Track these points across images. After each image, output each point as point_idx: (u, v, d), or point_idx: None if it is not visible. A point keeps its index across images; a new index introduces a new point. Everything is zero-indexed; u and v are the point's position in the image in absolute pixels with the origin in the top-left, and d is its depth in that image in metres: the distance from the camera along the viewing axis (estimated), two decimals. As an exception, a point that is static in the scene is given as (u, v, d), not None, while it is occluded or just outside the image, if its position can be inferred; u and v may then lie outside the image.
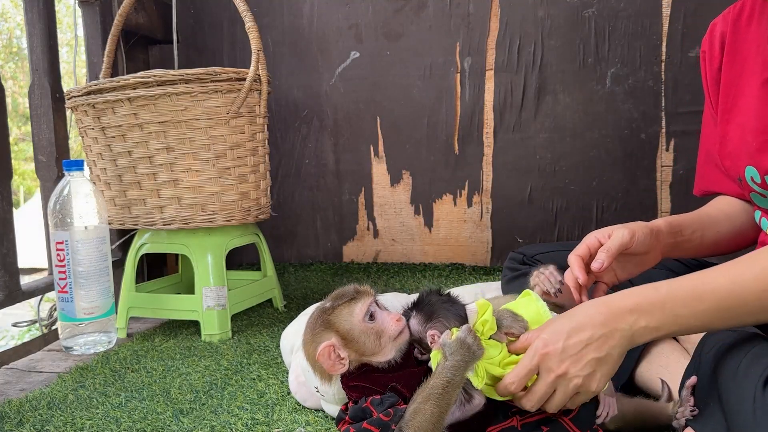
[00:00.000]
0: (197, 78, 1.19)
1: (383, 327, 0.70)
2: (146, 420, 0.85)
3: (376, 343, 0.69)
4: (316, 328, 0.71)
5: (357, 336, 0.69)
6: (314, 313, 0.74)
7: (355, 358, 0.70)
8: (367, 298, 0.71)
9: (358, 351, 0.70)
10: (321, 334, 0.71)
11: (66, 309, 1.16)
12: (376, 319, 0.71)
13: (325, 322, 0.71)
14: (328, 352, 0.69)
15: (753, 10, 0.85)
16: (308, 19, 1.80)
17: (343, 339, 0.69)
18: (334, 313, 0.71)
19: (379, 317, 0.71)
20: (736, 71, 0.87)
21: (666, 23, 1.55)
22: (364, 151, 1.80)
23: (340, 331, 0.70)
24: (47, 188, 1.40)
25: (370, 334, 0.69)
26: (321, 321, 0.71)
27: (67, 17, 6.38)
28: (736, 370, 0.63)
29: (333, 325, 0.70)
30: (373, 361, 0.70)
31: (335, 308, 0.71)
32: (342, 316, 0.70)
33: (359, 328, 0.70)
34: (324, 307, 0.73)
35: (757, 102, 0.82)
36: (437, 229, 1.78)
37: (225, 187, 1.25)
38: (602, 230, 0.84)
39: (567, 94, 1.64)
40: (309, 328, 0.73)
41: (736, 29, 0.87)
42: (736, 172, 0.86)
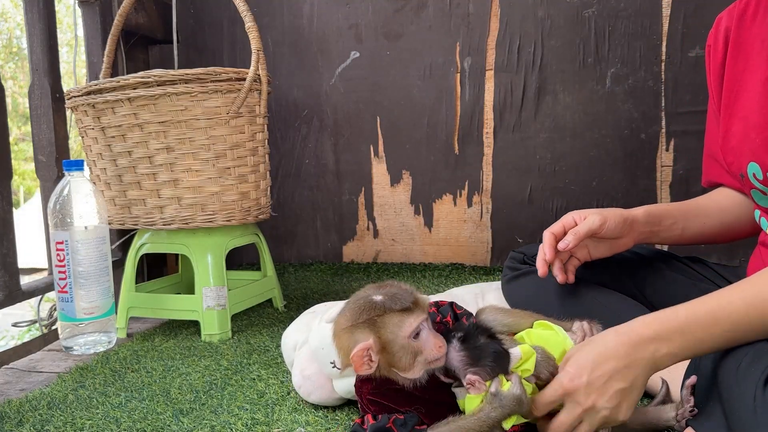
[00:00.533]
0: (197, 78, 1.19)
1: (424, 348, 0.67)
2: (146, 420, 0.85)
3: (410, 361, 0.67)
4: (359, 321, 0.67)
5: (395, 350, 0.66)
6: (362, 300, 0.68)
7: (384, 367, 0.67)
8: (420, 315, 0.67)
9: (390, 362, 0.67)
10: (362, 331, 0.67)
11: (66, 309, 1.16)
12: (421, 338, 0.67)
13: (370, 321, 0.66)
14: (362, 354, 0.66)
15: (758, 5, 0.84)
16: (308, 19, 1.80)
17: (380, 346, 0.66)
18: (382, 318, 0.66)
19: (423, 337, 0.67)
20: (739, 67, 0.87)
21: (666, 23, 1.55)
22: (364, 151, 1.80)
23: (381, 338, 0.66)
24: (47, 188, 1.40)
25: (408, 352, 0.66)
26: (366, 317, 0.67)
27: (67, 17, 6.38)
28: (737, 369, 0.63)
29: (377, 329, 0.66)
30: (399, 376, 0.68)
31: (386, 313, 0.66)
32: (389, 325, 0.66)
33: (401, 343, 0.66)
34: (374, 301, 0.67)
35: (761, 98, 0.82)
36: (437, 229, 1.78)
37: (225, 187, 1.25)
38: (581, 212, 0.91)
39: (567, 94, 1.64)
40: (350, 316, 0.68)
41: (741, 24, 0.87)
42: (738, 167, 0.86)
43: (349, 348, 0.66)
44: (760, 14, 0.84)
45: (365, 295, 0.69)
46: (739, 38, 0.87)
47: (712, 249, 1.56)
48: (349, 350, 0.66)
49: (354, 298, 0.70)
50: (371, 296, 0.68)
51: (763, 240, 0.91)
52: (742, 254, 1.54)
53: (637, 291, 0.98)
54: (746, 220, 0.96)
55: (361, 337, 0.66)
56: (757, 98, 0.82)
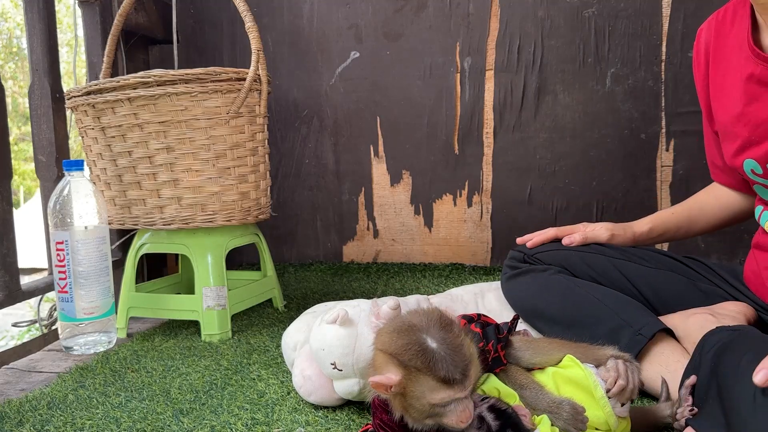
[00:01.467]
0: (197, 78, 1.19)
1: (445, 416, 0.61)
2: (146, 420, 0.85)
3: (420, 417, 0.62)
4: (399, 355, 0.61)
5: (413, 403, 0.61)
6: (416, 336, 0.61)
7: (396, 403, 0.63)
8: (459, 393, 0.60)
9: (405, 409, 0.62)
10: (396, 365, 0.61)
11: (66, 309, 1.16)
12: (446, 408, 0.61)
13: (409, 366, 0.60)
14: (381, 385, 0.61)
15: (735, 14, 0.88)
16: (308, 19, 1.80)
17: (405, 388, 0.61)
18: (420, 373, 0.60)
19: (450, 408, 0.61)
20: (720, 72, 0.90)
21: (666, 23, 1.55)
22: (364, 151, 1.80)
23: (407, 388, 0.60)
24: (47, 188, 1.40)
25: (424, 413, 0.61)
26: (408, 358, 0.60)
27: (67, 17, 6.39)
28: (736, 368, 0.63)
29: (409, 377, 0.60)
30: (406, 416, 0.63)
31: (427, 371, 0.60)
32: (422, 384, 0.60)
33: (422, 403, 0.60)
34: (427, 348, 0.60)
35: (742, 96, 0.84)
36: (437, 229, 1.78)
37: (225, 187, 1.25)
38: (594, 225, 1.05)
39: (567, 94, 1.64)
40: (396, 344, 0.62)
41: (719, 34, 0.91)
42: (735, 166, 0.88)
43: (377, 368, 0.63)
44: (737, 22, 0.87)
45: (421, 337, 0.61)
46: (718, 47, 0.91)
47: (712, 249, 1.56)
48: (374, 372, 0.63)
49: (413, 325, 0.63)
50: (426, 339, 0.61)
51: (756, 242, 0.92)
52: (742, 254, 1.54)
53: (636, 291, 0.98)
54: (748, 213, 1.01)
55: (392, 371, 0.61)
56: (739, 96, 0.85)
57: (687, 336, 0.85)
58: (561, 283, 0.97)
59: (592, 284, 0.97)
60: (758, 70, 0.81)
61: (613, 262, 1.00)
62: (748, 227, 0.96)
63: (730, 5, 0.90)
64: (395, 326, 0.64)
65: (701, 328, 0.80)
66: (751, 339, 0.69)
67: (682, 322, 0.88)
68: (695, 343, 0.76)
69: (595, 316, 0.90)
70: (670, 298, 0.96)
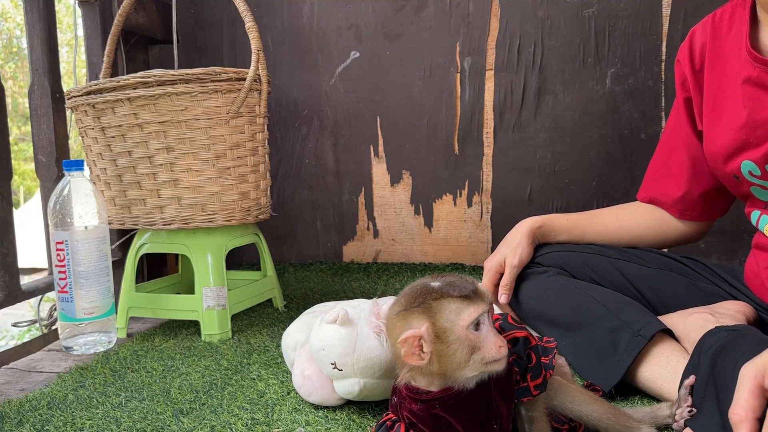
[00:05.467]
0: (197, 78, 1.19)
1: (483, 345, 0.59)
2: (146, 420, 0.85)
3: (465, 357, 0.59)
4: (413, 306, 0.61)
5: (451, 341, 0.59)
6: (418, 286, 0.63)
7: (435, 361, 0.60)
8: (481, 305, 0.60)
9: (443, 356, 0.59)
10: (415, 316, 0.60)
11: (66, 309, 1.16)
12: (481, 332, 0.60)
13: (426, 307, 0.60)
14: (414, 342, 0.59)
15: (733, 16, 0.88)
16: (308, 19, 1.80)
17: (435, 335, 0.59)
18: (439, 303, 0.60)
19: (483, 331, 0.60)
20: (717, 74, 0.90)
21: (666, 23, 1.55)
22: (364, 151, 1.80)
23: (436, 326, 0.59)
24: (47, 188, 1.40)
25: (465, 346, 0.59)
26: (421, 302, 0.60)
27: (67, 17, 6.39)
28: (733, 369, 0.63)
29: (432, 315, 0.59)
30: (448, 375, 0.61)
31: (443, 297, 0.60)
32: (446, 311, 0.59)
33: (457, 334, 0.59)
34: (431, 287, 0.61)
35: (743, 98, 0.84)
36: (437, 229, 1.78)
37: (225, 187, 1.25)
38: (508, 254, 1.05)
39: (567, 94, 1.64)
40: (405, 302, 0.62)
41: (716, 36, 0.91)
42: (731, 169, 0.88)
43: (399, 335, 0.60)
44: (736, 25, 0.87)
45: (422, 283, 0.63)
46: (715, 49, 0.91)
47: (712, 249, 1.56)
48: (398, 337, 0.60)
49: (410, 286, 0.64)
50: (428, 283, 0.62)
51: (756, 243, 0.92)
52: (742, 254, 1.54)
53: (636, 291, 0.98)
54: (647, 240, 1.07)
55: (415, 324, 0.60)
56: (740, 99, 0.85)
57: (686, 336, 0.85)
58: (561, 284, 0.97)
59: (592, 285, 0.97)
60: (755, 73, 0.82)
61: (613, 263, 1.00)
62: (748, 227, 0.96)
63: (728, 6, 0.90)
64: (397, 298, 0.65)
65: (700, 328, 0.80)
66: (750, 340, 0.69)
67: (681, 321, 0.88)
68: (695, 342, 0.76)
69: (594, 317, 0.90)
70: (670, 299, 0.96)
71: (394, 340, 0.62)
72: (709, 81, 0.92)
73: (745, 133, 0.84)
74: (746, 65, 0.83)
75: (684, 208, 1.02)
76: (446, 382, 0.61)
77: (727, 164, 0.88)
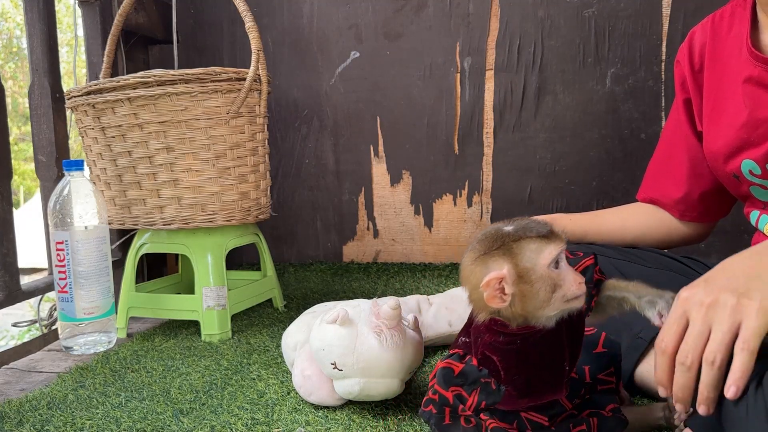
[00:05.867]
0: (197, 78, 1.19)
1: (563, 283, 0.60)
2: (146, 420, 0.85)
3: (547, 295, 0.60)
4: (492, 249, 0.60)
5: (534, 279, 0.59)
6: (490, 232, 0.63)
7: (517, 302, 0.60)
8: (559, 243, 0.61)
9: (525, 296, 0.60)
10: (496, 259, 0.60)
11: (66, 309, 1.16)
12: (560, 269, 0.60)
13: (506, 249, 0.60)
14: (495, 284, 0.59)
15: (733, 17, 0.89)
16: (308, 19, 1.80)
17: (517, 275, 0.59)
18: (519, 244, 0.60)
19: (563, 269, 0.61)
20: (717, 74, 0.91)
21: (666, 23, 1.55)
22: (364, 151, 1.80)
23: (519, 266, 0.59)
24: (47, 188, 1.40)
25: (547, 283, 0.59)
26: (500, 245, 0.60)
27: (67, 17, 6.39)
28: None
29: (513, 256, 0.60)
30: (530, 315, 0.61)
31: (522, 238, 0.60)
32: (527, 251, 0.60)
33: (540, 273, 0.59)
34: (507, 230, 0.61)
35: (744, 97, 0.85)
36: (437, 229, 1.78)
37: (225, 187, 1.25)
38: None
39: (567, 94, 1.64)
40: (482, 247, 0.62)
41: (716, 37, 0.91)
42: (731, 168, 0.88)
43: (479, 280, 0.60)
44: (736, 25, 0.88)
45: (495, 228, 0.63)
46: (715, 50, 0.91)
47: (712, 249, 1.56)
48: (479, 282, 0.60)
49: (482, 233, 0.64)
50: (501, 227, 0.63)
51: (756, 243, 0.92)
52: (742, 254, 1.54)
53: None
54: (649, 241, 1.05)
55: (495, 266, 0.60)
56: (740, 98, 0.85)
57: (687, 336, 0.85)
58: None
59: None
60: (756, 72, 0.82)
61: (613, 263, 1.00)
62: (748, 228, 0.96)
63: (727, 7, 0.91)
64: (470, 246, 0.64)
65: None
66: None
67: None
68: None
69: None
70: None
71: (473, 287, 0.62)
72: (708, 81, 0.92)
73: (745, 132, 0.84)
74: (747, 65, 0.83)
75: (684, 209, 1.02)
76: (527, 322, 0.62)
77: (727, 164, 0.88)
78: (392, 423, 0.81)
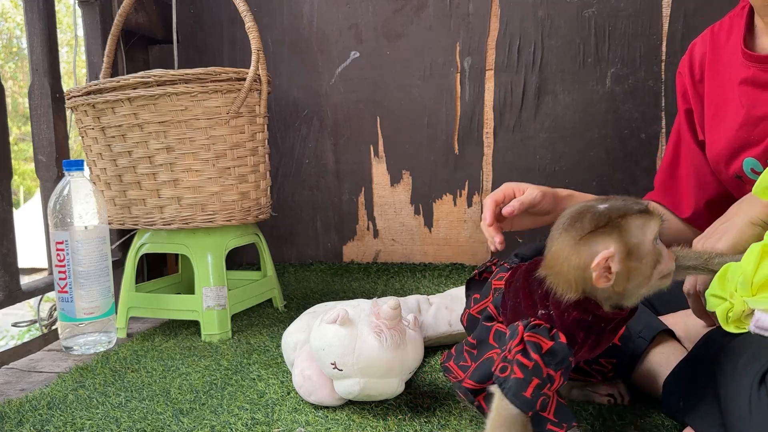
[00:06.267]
0: (197, 78, 1.19)
1: (662, 258, 0.59)
2: (146, 420, 0.85)
3: (649, 272, 0.59)
4: (599, 227, 0.59)
5: (642, 255, 0.59)
6: (585, 211, 0.61)
7: (620, 280, 0.59)
8: (657, 219, 0.60)
9: (631, 273, 0.59)
10: (603, 238, 0.59)
11: (66, 309, 1.16)
12: (660, 245, 0.60)
13: (614, 226, 0.59)
14: (603, 263, 0.58)
15: (732, 25, 0.91)
16: (308, 19, 1.80)
17: (625, 253, 0.58)
18: (626, 220, 0.59)
19: (660, 244, 0.60)
20: (718, 81, 0.93)
21: (666, 23, 1.55)
22: (364, 151, 1.80)
23: (628, 243, 0.58)
24: (47, 188, 1.40)
25: (652, 259, 0.59)
26: (606, 222, 0.59)
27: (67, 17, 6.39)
28: (734, 367, 0.63)
29: (623, 233, 0.58)
30: (628, 294, 0.61)
31: (628, 215, 0.59)
32: (633, 228, 0.59)
33: (647, 248, 0.59)
34: (605, 208, 0.60)
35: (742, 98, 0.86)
36: (437, 229, 1.78)
37: (225, 187, 1.25)
38: (519, 184, 0.98)
39: (567, 94, 1.64)
40: (581, 225, 0.60)
41: (715, 45, 0.94)
42: (733, 170, 0.89)
43: (586, 259, 0.59)
44: (735, 32, 0.90)
45: (587, 206, 0.62)
46: (714, 59, 0.93)
47: (712, 249, 1.56)
48: (585, 263, 0.59)
49: (571, 213, 0.63)
50: (595, 206, 0.61)
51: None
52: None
53: None
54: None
55: (603, 245, 0.58)
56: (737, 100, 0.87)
57: (687, 336, 0.85)
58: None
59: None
60: (750, 73, 0.83)
61: None
62: (748, 227, 0.96)
63: (726, 18, 0.94)
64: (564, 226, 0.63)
65: (701, 328, 0.80)
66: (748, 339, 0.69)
67: (682, 321, 0.88)
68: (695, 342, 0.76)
69: None
70: (671, 298, 0.96)
71: (574, 267, 0.60)
72: (709, 90, 0.94)
73: (745, 132, 0.85)
74: (742, 67, 0.85)
75: (692, 218, 1.04)
76: (620, 302, 0.62)
77: (729, 166, 0.89)
78: (392, 423, 0.81)
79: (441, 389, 0.92)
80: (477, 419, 0.80)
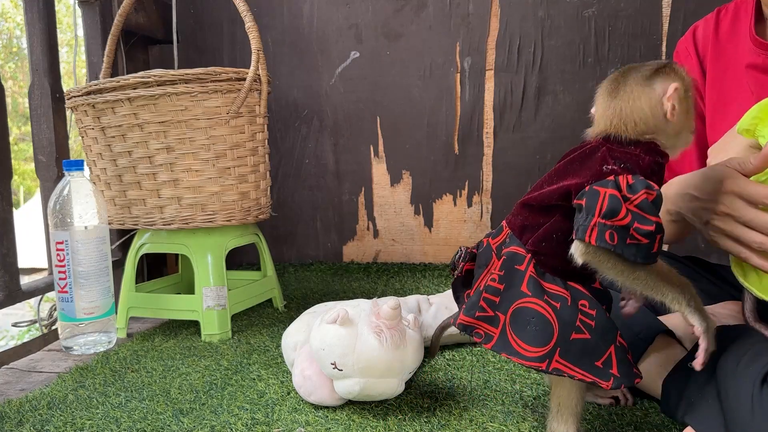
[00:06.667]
0: (197, 78, 1.19)
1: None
2: (146, 420, 0.85)
3: (692, 113, 0.66)
4: (661, 68, 0.64)
5: (690, 96, 0.65)
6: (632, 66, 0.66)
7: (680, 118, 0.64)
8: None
9: (688, 110, 0.65)
10: (666, 76, 0.64)
11: (66, 309, 1.16)
12: None
13: (669, 70, 0.64)
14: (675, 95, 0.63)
15: (737, 10, 0.93)
16: (308, 19, 1.80)
17: (683, 89, 0.64)
18: (673, 65, 0.65)
19: None
20: (721, 66, 0.94)
21: (666, 23, 1.55)
22: (364, 151, 1.80)
23: (684, 80, 0.65)
24: (47, 188, 1.40)
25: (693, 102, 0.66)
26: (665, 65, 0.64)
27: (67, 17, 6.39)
28: (736, 367, 0.63)
29: (679, 74, 0.64)
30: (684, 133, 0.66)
31: (672, 63, 0.65)
32: (683, 72, 0.65)
33: (693, 91, 0.66)
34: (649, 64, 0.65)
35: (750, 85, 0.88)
36: (437, 229, 1.78)
37: (225, 187, 1.25)
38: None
39: (567, 94, 1.64)
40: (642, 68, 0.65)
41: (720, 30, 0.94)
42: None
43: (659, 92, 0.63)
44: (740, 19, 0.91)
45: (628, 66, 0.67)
46: (718, 42, 0.94)
47: (712, 249, 1.56)
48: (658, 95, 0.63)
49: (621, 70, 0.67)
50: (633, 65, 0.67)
51: None
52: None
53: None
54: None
55: (668, 82, 0.64)
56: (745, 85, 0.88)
57: (687, 336, 0.85)
58: None
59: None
60: (760, 60, 0.85)
61: None
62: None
63: (731, 4, 0.94)
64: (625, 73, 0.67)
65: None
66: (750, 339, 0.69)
67: (682, 321, 0.88)
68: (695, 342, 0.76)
69: None
70: None
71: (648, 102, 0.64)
72: (712, 72, 0.95)
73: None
74: (750, 53, 0.87)
75: None
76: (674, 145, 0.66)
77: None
78: (392, 423, 0.81)
79: (441, 389, 0.92)
80: (477, 419, 0.81)
